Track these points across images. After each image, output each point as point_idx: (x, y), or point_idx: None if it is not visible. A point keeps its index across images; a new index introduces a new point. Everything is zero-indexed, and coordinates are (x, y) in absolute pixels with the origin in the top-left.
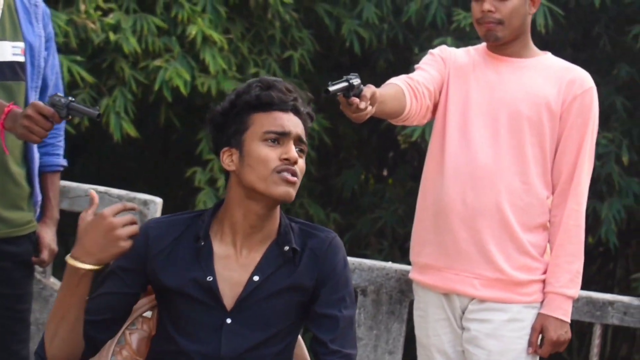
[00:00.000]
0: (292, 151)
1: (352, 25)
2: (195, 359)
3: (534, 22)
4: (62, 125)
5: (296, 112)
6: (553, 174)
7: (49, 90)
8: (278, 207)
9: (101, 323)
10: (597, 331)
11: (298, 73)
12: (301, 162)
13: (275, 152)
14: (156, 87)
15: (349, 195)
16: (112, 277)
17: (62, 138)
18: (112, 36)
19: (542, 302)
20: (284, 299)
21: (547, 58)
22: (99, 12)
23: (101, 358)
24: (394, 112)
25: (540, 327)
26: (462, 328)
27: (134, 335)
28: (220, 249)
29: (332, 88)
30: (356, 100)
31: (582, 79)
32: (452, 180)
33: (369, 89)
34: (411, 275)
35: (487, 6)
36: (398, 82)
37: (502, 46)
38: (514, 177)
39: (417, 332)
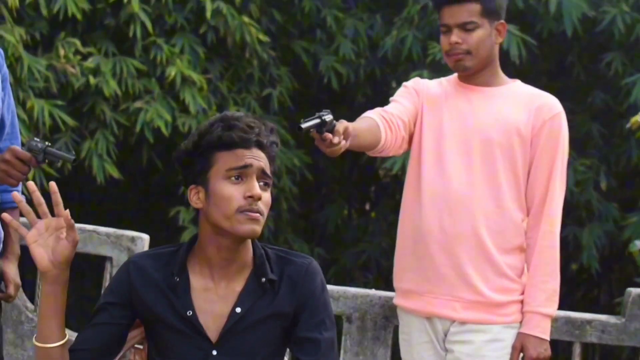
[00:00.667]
0: (255, 188)
1: (330, 61)
2: None
3: (507, 53)
4: None
5: (259, 146)
6: (527, 198)
7: (6, 128)
8: (248, 240)
9: (90, 352)
10: (577, 350)
11: (277, 110)
12: (266, 196)
13: (238, 190)
14: (137, 128)
15: (332, 230)
16: (100, 312)
17: None
18: (92, 80)
19: (521, 322)
20: (267, 327)
21: (517, 85)
22: (79, 56)
23: None
24: (369, 145)
25: (520, 346)
26: (446, 350)
27: None
28: (199, 282)
29: (304, 125)
30: (329, 135)
31: (550, 105)
32: (429, 207)
33: (341, 124)
34: (395, 301)
35: (454, 38)
36: (372, 115)
37: (472, 76)
38: (488, 202)
39: (402, 355)
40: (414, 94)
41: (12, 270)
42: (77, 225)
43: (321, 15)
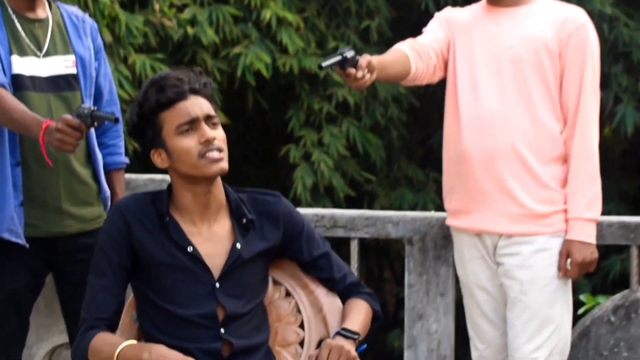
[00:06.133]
0: (207, 132)
1: None
2: (195, 322)
3: None
4: (120, 126)
5: (195, 92)
6: (562, 110)
7: (105, 96)
8: (219, 180)
9: (113, 317)
10: (634, 252)
11: (377, 41)
12: (219, 134)
13: (193, 139)
14: (239, 73)
15: None
16: (105, 266)
17: (121, 139)
18: (190, 30)
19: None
20: (260, 260)
21: (543, 2)
22: (174, 9)
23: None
24: (399, 75)
25: (566, 252)
26: (497, 264)
27: None
28: (184, 227)
29: (324, 64)
30: (352, 71)
31: (574, 17)
32: (467, 129)
33: (364, 59)
34: (447, 222)
35: None
36: (402, 47)
37: None
38: (523, 117)
39: (457, 272)
40: (445, 23)
41: None
42: (148, 175)
43: None
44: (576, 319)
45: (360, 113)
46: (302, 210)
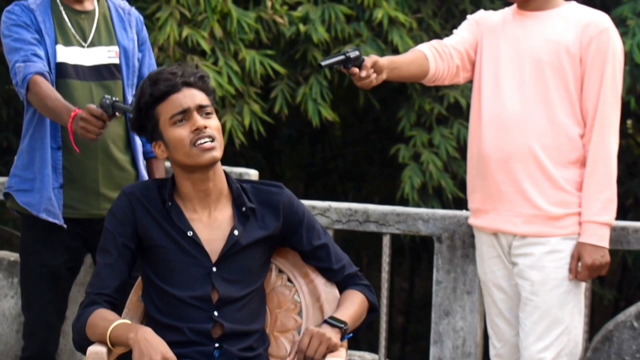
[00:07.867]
0: (197, 121)
1: None
2: (190, 303)
3: None
4: None
5: (188, 85)
6: (582, 113)
7: None
8: (220, 169)
9: (114, 292)
10: None
11: None
12: (212, 122)
13: (185, 129)
14: None
15: None
16: (111, 246)
17: None
18: (302, 28)
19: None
20: (257, 248)
21: (570, 7)
22: (285, 7)
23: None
24: (416, 75)
25: (577, 255)
26: (513, 263)
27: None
28: (186, 214)
29: (324, 63)
30: (355, 70)
31: (597, 22)
32: (487, 129)
33: (370, 59)
34: (469, 221)
35: None
36: (422, 47)
37: (528, 2)
38: (541, 119)
39: (478, 270)
40: (474, 25)
41: None
42: None
43: None
44: (600, 323)
45: None
46: (338, 205)
